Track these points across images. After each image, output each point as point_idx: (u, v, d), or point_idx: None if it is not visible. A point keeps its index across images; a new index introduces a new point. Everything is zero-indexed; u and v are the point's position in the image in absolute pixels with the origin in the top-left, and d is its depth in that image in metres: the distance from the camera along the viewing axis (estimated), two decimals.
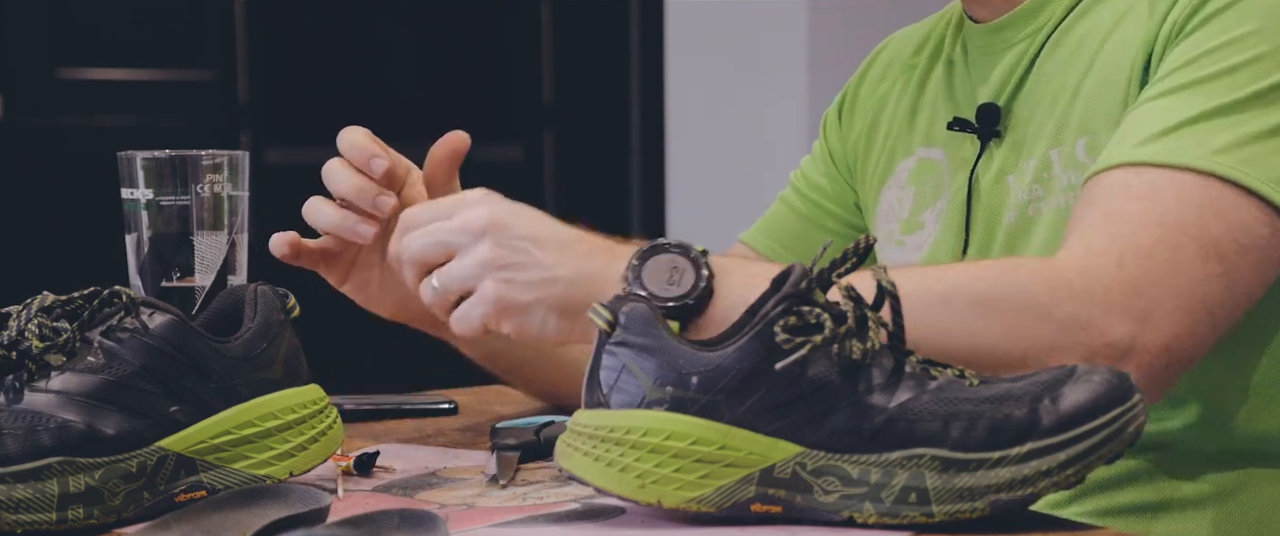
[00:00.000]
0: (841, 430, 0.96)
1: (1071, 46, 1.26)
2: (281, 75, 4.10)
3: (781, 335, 0.95)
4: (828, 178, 1.49)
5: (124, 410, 1.01)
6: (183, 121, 3.96)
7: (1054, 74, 1.27)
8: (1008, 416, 0.95)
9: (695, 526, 0.99)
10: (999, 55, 1.31)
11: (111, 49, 3.92)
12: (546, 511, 1.04)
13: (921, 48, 1.43)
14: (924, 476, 0.95)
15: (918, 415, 0.95)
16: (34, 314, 1.02)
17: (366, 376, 2.90)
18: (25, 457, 0.98)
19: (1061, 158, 1.24)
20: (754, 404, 0.96)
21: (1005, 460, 0.94)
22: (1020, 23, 1.30)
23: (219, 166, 1.22)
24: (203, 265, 1.22)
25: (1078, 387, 0.95)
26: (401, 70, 4.28)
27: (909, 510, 0.95)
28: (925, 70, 1.41)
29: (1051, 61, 1.28)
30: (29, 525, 0.98)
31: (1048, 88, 1.27)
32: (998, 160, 1.29)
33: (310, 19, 4.16)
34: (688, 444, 0.96)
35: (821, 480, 0.96)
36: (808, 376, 0.95)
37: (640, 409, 0.97)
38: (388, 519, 0.91)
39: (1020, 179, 1.27)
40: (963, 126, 1.32)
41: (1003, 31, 1.31)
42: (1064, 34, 1.27)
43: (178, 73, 3.98)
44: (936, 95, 1.38)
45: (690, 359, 0.97)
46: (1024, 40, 1.30)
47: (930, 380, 0.97)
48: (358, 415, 1.38)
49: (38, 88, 3.83)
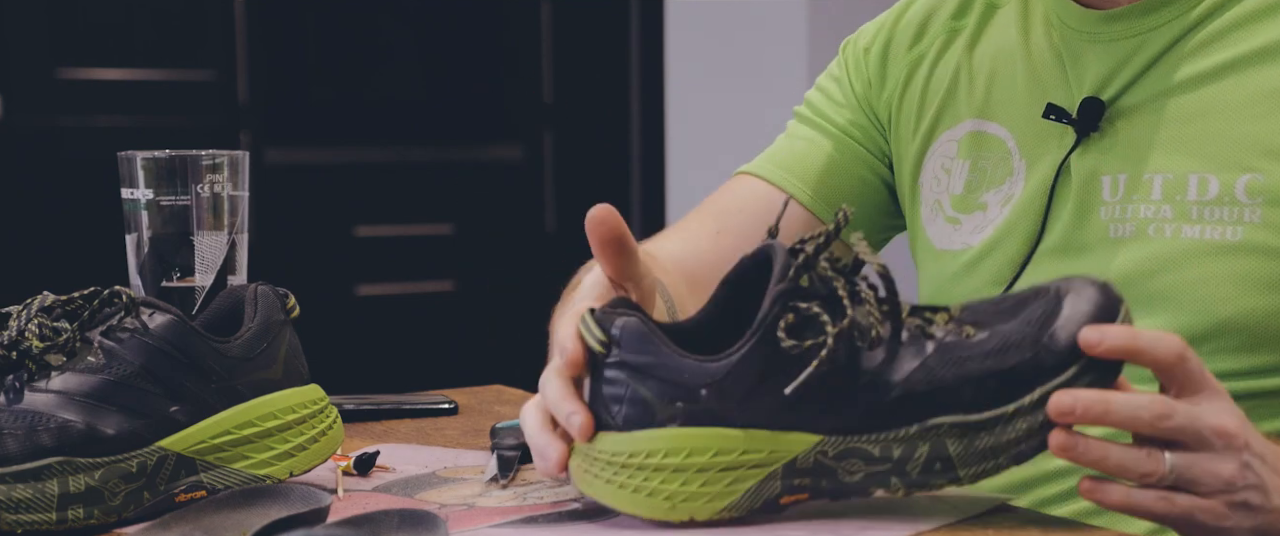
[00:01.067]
0: (857, 413, 0.96)
1: (1218, 60, 1.21)
2: (281, 75, 4.10)
3: (787, 342, 0.95)
4: (858, 126, 1.42)
5: (124, 410, 1.01)
6: (183, 121, 3.96)
7: (1191, 85, 1.22)
8: (1013, 367, 0.95)
9: (695, 526, 0.99)
10: (1109, 45, 1.25)
11: (111, 49, 3.92)
12: (546, 511, 1.04)
13: (962, 12, 1.38)
14: (945, 444, 0.96)
15: (929, 385, 0.95)
16: (34, 314, 1.03)
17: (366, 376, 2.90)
18: (25, 457, 0.98)
19: (1209, 187, 1.19)
20: (767, 405, 0.95)
21: (1021, 411, 0.95)
22: (1144, 14, 1.24)
23: (219, 166, 1.22)
24: (203, 265, 1.22)
25: (1069, 314, 0.95)
26: (401, 70, 4.28)
27: (937, 479, 0.96)
28: (971, 38, 1.36)
29: (1187, 69, 1.22)
30: (29, 525, 0.98)
31: (1181, 98, 1.22)
32: (1092, 158, 1.25)
33: (310, 19, 4.16)
34: (710, 457, 0.96)
35: (845, 464, 0.96)
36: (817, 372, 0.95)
37: (653, 428, 0.96)
38: (388, 519, 0.91)
39: (1138, 189, 1.22)
40: (1059, 116, 1.26)
41: (1118, 22, 1.25)
42: (1204, 42, 1.22)
43: (178, 73, 3.98)
44: (999, 65, 1.33)
45: (696, 371, 0.95)
46: (1140, 35, 1.24)
47: (928, 339, 0.96)
48: (358, 415, 1.38)
49: (38, 88, 3.83)
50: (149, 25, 3.96)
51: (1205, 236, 1.19)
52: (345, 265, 4.15)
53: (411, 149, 4.22)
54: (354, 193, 4.16)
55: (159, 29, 3.97)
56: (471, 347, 4.23)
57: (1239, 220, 1.17)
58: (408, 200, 4.23)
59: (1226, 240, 1.18)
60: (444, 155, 4.22)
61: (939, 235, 1.35)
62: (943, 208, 1.35)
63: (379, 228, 4.20)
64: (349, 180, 4.16)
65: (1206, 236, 1.19)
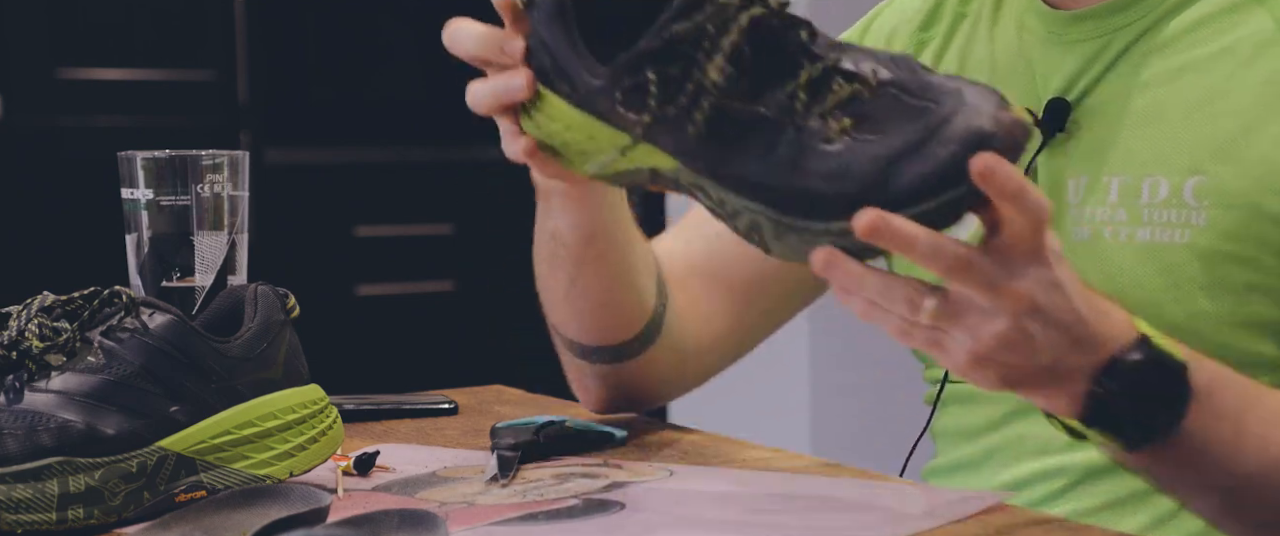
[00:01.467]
0: (703, 163, 0.98)
1: (1178, 63, 1.20)
2: (281, 75, 4.10)
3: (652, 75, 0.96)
4: None
5: (124, 410, 1.01)
6: (183, 121, 3.96)
7: (1150, 86, 1.21)
8: (839, 194, 0.94)
9: (696, 526, 0.99)
10: (1075, 45, 1.25)
11: (111, 49, 3.91)
12: (547, 508, 1.05)
13: (930, 24, 1.37)
14: (761, 224, 0.97)
15: (762, 175, 0.96)
16: (34, 314, 1.03)
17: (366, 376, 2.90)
18: (25, 457, 0.98)
19: (1159, 190, 1.19)
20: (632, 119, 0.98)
21: (827, 232, 0.95)
22: (1107, 15, 1.24)
23: (219, 166, 1.23)
24: (203, 265, 1.22)
25: (922, 160, 0.92)
26: (401, 70, 4.28)
27: (755, 243, 0.99)
28: (941, 46, 1.36)
29: (1146, 71, 1.22)
30: (29, 525, 0.98)
31: (1140, 99, 1.22)
32: (1058, 160, 1.24)
33: (310, 19, 4.15)
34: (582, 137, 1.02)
35: (697, 192, 1.00)
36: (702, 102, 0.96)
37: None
38: (388, 519, 0.91)
39: (1094, 191, 1.22)
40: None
41: (1084, 22, 1.25)
42: (1165, 43, 1.22)
43: (178, 73, 3.98)
44: (966, 72, 1.32)
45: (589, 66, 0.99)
46: (1105, 35, 1.24)
47: (789, 127, 0.95)
48: (358, 415, 1.38)
49: (38, 88, 3.83)
50: (149, 25, 3.96)
51: (1156, 239, 1.19)
52: (345, 265, 4.15)
53: (411, 149, 4.21)
54: (354, 193, 4.16)
55: (159, 29, 3.97)
56: (471, 347, 4.23)
57: (1187, 222, 1.17)
58: (408, 200, 4.23)
59: (1174, 242, 1.18)
60: (444, 155, 4.22)
61: None
62: None
63: (379, 228, 4.20)
64: (349, 180, 4.15)
65: (1157, 239, 1.19)
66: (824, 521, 1.00)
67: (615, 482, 1.12)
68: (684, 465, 1.17)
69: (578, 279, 1.28)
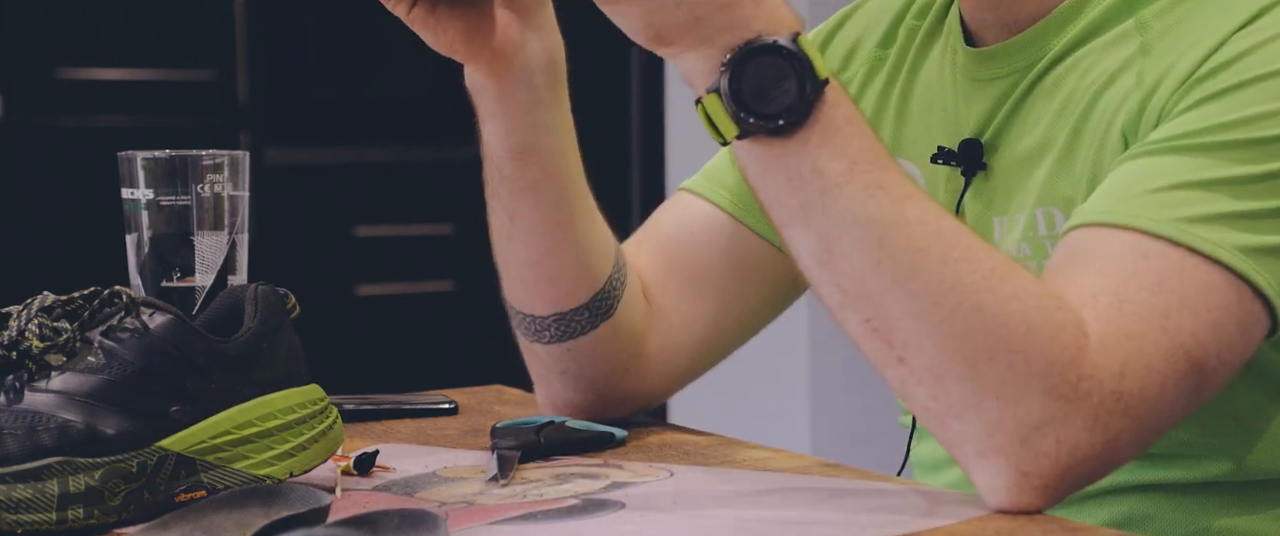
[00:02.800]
0: None
1: (1062, 97, 1.21)
2: (281, 75, 4.10)
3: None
4: None
5: (124, 410, 1.01)
6: (183, 121, 3.96)
7: (1043, 121, 1.22)
8: None
9: (696, 526, 0.99)
10: (985, 85, 1.26)
11: (111, 49, 3.91)
12: (546, 508, 1.05)
13: (888, 40, 1.37)
14: None
15: None
16: (34, 314, 1.03)
17: (366, 376, 2.90)
18: (25, 457, 0.98)
19: (1055, 222, 1.19)
20: None
21: None
22: (1010, 56, 1.25)
23: (219, 166, 1.23)
24: (203, 265, 1.22)
25: None
26: (401, 70, 4.28)
27: None
28: (892, 69, 1.36)
29: (1041, 106, 1.22)
30: (29, 525, 0.98)
31: (1035, 134, 1.22)
32: (984, 197, 1.25)
33: (310, 19, 4.16)
34: None
35: None
36: None
37: None
38: (388, 519, 0.91)
39: (1009, 229, 1.23)
40: (947, 158, 1.27)
41: (995, 60, 1.26)
42: (1056, 79, 1.22)
43: (178, 73, 3.98)
44: (908, 103, 1.33)
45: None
46: (1012, 75, 1.24)
47: None
48: (358, 415, 1.38)
49: (38, 88, 3.83)
50: (149, 25, 3.96)
51: None
52: (345, 265, 4.15)
53: (411, 149, 4.21)
54: (354, 193, 4.16)
55: (159, 29, 3.97)
56: (471, 347, 4.23)
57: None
58: (408, 200, 4.23)
59: None
60: (444, 155, 4.22)
61: None
62: None
63: (379, 228, 4.20)
64: (349, 180, 4.15)
65: None
66: (824, 521, 1.00)
67: (615, 483, 1.12)
68: (684, 465, 1.17)
69: (517, 216, 1.29)
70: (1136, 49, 1.17)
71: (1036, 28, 1.23)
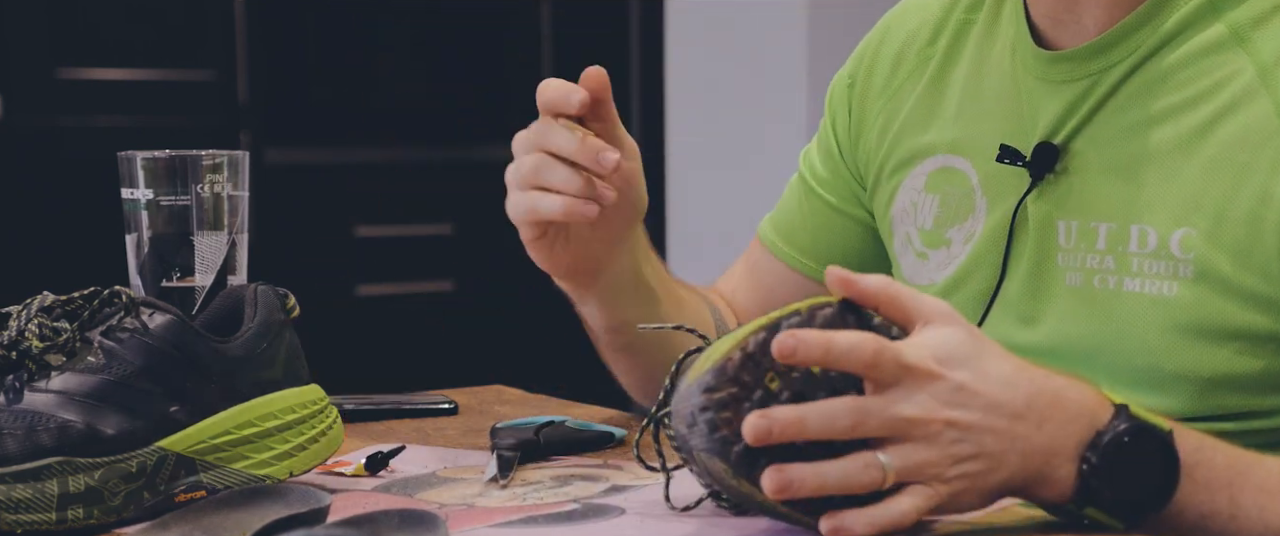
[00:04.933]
0: None
1: (1157, 110, 1.19)
2: (281, 75, 4.10)
3: None
4: (829, 167, 1.44)
5: (124, 410, 1.01)
6: (183, 121, 3.96)
7: (1134, 131, 1.20)
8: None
9: (694, 526, 0.99)
10: (1058, 87, 1.24)
11: (111, 49, 3.91)
12: (546, 511, 1.05)
13: (936, 36, 1.36)
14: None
15: None
16: (34, 314, 1.03)
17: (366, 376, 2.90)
18: (25, 457, 0.98)
19: (1148, 240, 1.17)
20: None
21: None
22: (1086, 59, 1.23)
23: (219, 166, 1.22)
24: (203, 265, 1.22)
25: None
26: (401, 70, 4.28)
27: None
28: (942, 63, 1.34)
29: (1131, 114, 1.20)
30: (29, 525, 0.98)
31: (1125, 145, 1.20)
32: (1051, 200, 1.23)
33: (310, 19, 4.15)
34: None
35: None
36: None
37: None
38: (388, 519, 0.91)
39: (1084, 236, 1.21)
40: (1014, 159, 1.25)
41: (1068, 62, 1.23)
42: (1142, 87, 1.20)
43: (178, 73, 3.98)
44: (965, 98, 1.32)
45: None
46: (1087, 78, 1.22)
47: None
48: (358, 415, 1.38)
49: (38, 88, 3.83)
50: (149, 25, 3.95)
51: (1144, 290, 1.17)
52: (345, 265, 4.15)
53: (411, 149, 4.21)
54: (354, 193, 4.16)
55: (159, 29, 3.97)
56: (471, 347, 4.23)
57: (1174, 275, 1.16)
58: (408, 200, 4.23)
59: (1162, 295, 1.16)
60: (444, 155, 4.21)
61: (910, 269, 1.34)
62: (912, 242, 1.34)
63: (379, 228, 4.20)
64: (349, 180, 4.15)
65: (1145, 290, 1.17)
66: None
67: (615, 485, 1.12)
68: (684, 467, 1.17)
69: (617, 361, 1.39)
70: (1255, 74, 1.16)
71: (1114, 30, 1.21)
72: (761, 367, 0.93)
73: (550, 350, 4.22)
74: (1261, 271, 1.14)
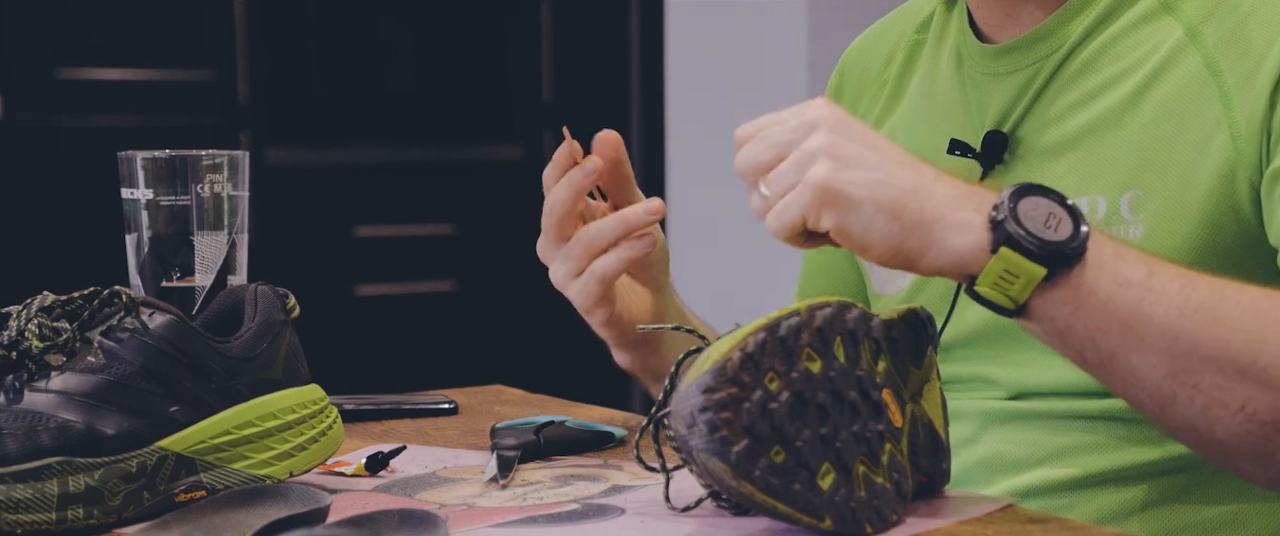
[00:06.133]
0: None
1: (1094, 82, 1.22)
2: (281, 75, 4.10)
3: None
4: None
5: (124, 410, 1.01)
6: (183, 121, 3.96)
7: (1073, 110, 1.23)
8: None
9: (694, 526, 0.99)
10: (1002, 79, 1.27)
11: (111, 49, 3.91)
12: (546, 512, 1.05)
13: (889, 61, 1.40)
14: None
15: None
16: (34, 314, 1.02)
17: (366, 376, 2.90)
18: (25, 457, 0.98)
19: (1098, 209, 1.19)
20: None
21: None
22: (1028, 48, 1.26)
23: (219, 166, 1.23)
24: (203, 265, 1.22)
25: None
26: (401, 70, 4.28)
27: None
28: (897, 84, 1.38)
29: (1069, 96, 1.23)
30: (29, 525, 0.98)
31: (1067, 122, 1.23)
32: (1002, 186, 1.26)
33: (310, 19, 4.15)
34: None
35: None
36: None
37: None
38: (388, 519, 0.91)
39: None
40: (963, 150, 1.27)
41: (1011, 54, 1.27)
42: (1082, 66, 1.23)
43: (178, 73, 3.98)
44: (917, 107, 1.35)
45: None
46: (1031, 66, 1.25)
47: None
48: (358, 415, 1.38)
49: (38, 88, 3.83)
50: (149, 25, 3.96)
51: None
52: (345, 265, 4.15)
53: (411, 149, 4.21)
54: (354, 193, 4.16)
55: (159, 29, 3.97)
56: (471, 347, 4.23)
57: (1125, 237, 1.17)
58: (408, 200, 4.23)
59: None
60: (444, 155, 4.22)
61: (877, 280, 1.37)
62: None
63: (379, 228, 4.20)
64: (349, 180, 4.15)
65: None
66: None
67: (615, 485, 1.12)
68: (684, 467, 1.17)
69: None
70: (1183, 34, 1.19)
71: (1053, 18, 1.25)
72: (761, 368, 0.94)
73: (550, 350, 4.22)
74: (1198, 219, 1.16)
